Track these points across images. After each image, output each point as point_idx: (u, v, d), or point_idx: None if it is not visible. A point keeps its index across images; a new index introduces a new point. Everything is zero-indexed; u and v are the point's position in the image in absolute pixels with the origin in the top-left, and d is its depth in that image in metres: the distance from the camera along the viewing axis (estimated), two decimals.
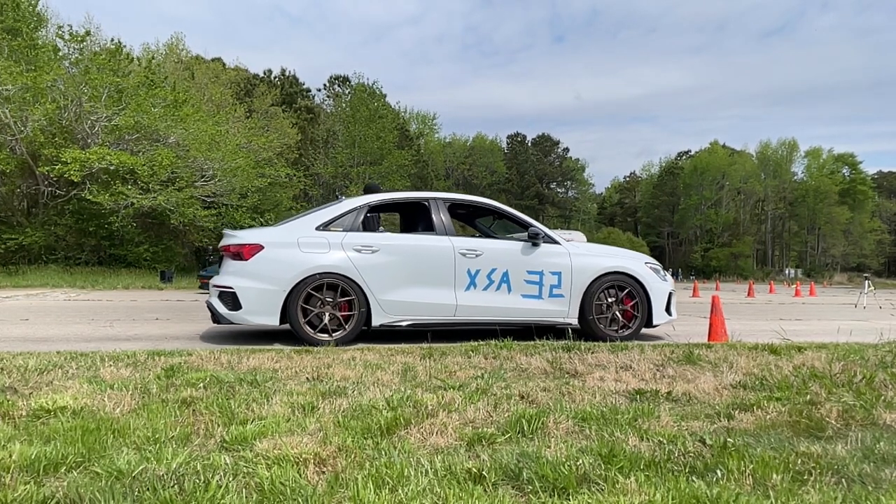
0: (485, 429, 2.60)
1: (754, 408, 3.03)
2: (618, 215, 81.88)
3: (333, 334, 5.43)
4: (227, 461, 2.14)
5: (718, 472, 2.12)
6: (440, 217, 6.04)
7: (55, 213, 22.28)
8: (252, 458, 2.18)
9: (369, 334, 6.15)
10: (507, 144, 76.13)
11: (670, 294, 6.34)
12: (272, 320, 5.41)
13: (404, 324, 5.68)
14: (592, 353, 4.60)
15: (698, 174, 68.14)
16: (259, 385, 3.37)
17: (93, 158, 19.85)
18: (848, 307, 13.40)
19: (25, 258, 21.02)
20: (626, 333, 6.03)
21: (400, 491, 1.90)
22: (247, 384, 3.38)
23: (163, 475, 1.98)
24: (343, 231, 5.72)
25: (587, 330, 6.02)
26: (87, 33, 23.92)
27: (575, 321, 6.05)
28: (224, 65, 40.68)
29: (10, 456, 2.12)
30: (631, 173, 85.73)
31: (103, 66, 22.10)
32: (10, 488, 1.87)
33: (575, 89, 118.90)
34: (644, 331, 6.59)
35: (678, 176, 71.77)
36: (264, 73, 47.16)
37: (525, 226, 6.24)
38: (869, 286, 15.25)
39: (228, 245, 5.67)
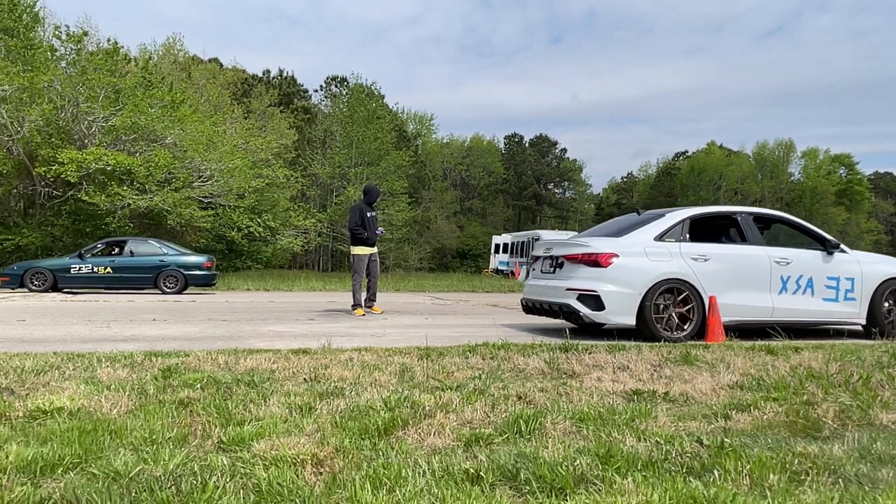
0: (482, 429, 2.60)
1: (751, 408, 3.04)
2: (615, 216, 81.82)
3: (675, 333, 6.04)
4: (225, 462, 2.14)
5: (715, 472, 2.12)
6: (750, 229, 6.74)
7: (52, 214, 22.20)
8: (249, 458, 2.18)
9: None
10: (505, 145, 76.03)
11: None
12: (630, 320, 6.07)
13: (731, 324, 6.22)
14: (590, 353, 4.61)
15: (695, 175, 68.08)
16: (256, 386, 3.37)
17: (90, 159, 19.78)
18: None
19: (22, 259, 20.94)
20: None
21: (397, 492, 1.90)
22: (244, 385, 3.37)
23: (160, 476, 1.98)
24: (676, 241, 6.40)
25: (873, 330, 6.60)
26: (85, 34, 23.81)
27: (864, 321, 6.74)
28: (221, 65, 40.64)
29: (7, 457, 2.12)
30: (628, 174, 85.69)
31: (100, 66, 22.00)
32: (6, 489, 1.87)
33: (572, 90, 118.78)
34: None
35: (675, 177, 71.73)
36: (262, 74, 47.20)
37: (818, 238, 6.89)
38: None
39: (578, 253, 6.38)
